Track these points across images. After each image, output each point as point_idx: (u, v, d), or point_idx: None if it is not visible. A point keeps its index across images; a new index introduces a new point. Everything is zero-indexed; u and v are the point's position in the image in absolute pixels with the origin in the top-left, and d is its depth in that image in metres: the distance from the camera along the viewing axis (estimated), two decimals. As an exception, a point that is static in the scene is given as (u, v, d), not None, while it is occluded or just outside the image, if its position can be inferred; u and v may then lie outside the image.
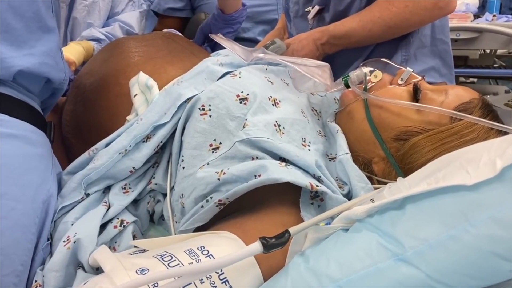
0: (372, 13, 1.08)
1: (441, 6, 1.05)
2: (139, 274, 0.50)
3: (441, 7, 1.05)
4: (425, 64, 1.14)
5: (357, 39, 1.10)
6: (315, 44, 1.11)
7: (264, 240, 0.50)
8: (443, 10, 1.07)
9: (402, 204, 0.49)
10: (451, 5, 1.06)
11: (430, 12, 1.06)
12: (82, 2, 1.62)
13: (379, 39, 1.13)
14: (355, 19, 1.09)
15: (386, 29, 1.08)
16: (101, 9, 1.66)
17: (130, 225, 0.73)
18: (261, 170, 0.63)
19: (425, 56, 1.18)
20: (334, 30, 1.10)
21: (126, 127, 0.78)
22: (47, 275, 0.63)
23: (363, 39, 1.10)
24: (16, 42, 0.68)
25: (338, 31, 1.09)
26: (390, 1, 1.05)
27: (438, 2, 1.03)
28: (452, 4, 1.06)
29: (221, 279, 0.52)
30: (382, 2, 1.07)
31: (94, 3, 1.64)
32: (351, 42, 1.11)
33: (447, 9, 1.07)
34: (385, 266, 0.45)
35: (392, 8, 1.05)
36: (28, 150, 0.69)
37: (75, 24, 1.61)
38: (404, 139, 0.73)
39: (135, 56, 0.95)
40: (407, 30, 1.14)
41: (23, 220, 0.64)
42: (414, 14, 1.06)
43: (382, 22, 1.07)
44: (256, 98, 0.74)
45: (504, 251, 0.40)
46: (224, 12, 1.17)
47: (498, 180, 0.42)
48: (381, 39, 1.13)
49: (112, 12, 1.72)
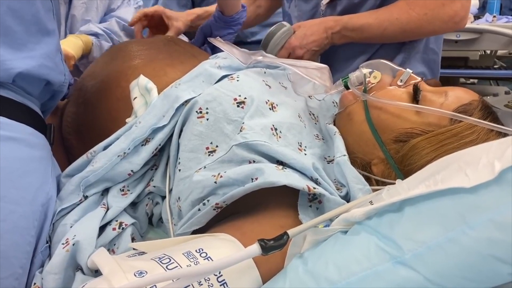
0: (390, 13, 1.10)
1: (456, 21, 1.09)
2: (137, 277, 0.50)
3: (455, 22, 1.09)
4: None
5: (369, 35, 1.12)
6: (327, 32, 1.12)
7: (263, 242, 0.50)
8: (456, 25, 1.10)
9: (401, 206, 0.49)
10: (464, 22, 1.10)
11: (445, 24, 1.09)
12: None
13: (390, 39, 1.15)
14: (372, 15, 1.12)
15: (401, 31, 1.11)
16: (99, 6, 1.67)
17: (128, 227, 0.73)
18: (258, 173, 0.63)
19: (416, 61, 1.21)
20: (349, 22, 1.11)
21: (124, 130, 0.78)
22: (46, 278, 0.63)
23: (375, 36, 1.12)
24: (15, 45, 0.68)
25: (353, 23, 1.11)
26: (412, 6, 1.08)
27: (454, 16, 1.07)
28: (465, 21, 1.10)
29: (220, 281, 0.52)
30: (403, 5, 1.09)
31: (92, 1, 1.64)
32: (362, 37, 1.13)
33: (460, 24, 1.11)
34: (384, 269, 0.45)
35: (412, 13, 1.08)
36: (28, 153, 0.69)
37: (73, 21, 1.61)
38: (404, 140, 0.73)
39: (136, 59, 0.96)
40: (418, 37, 1.18)
41: (22, 223, 0.64)
42: (430, 23, 1.09)
43: (398, 24, 1.10)
44: (253, 102, 0.74)
45: (502, 253, 0.40)
46: (224, 13, 1.17)
47: (496, 183, 0.42)
48: (391, 40, 1.16)
49: (109, 9, 1.73)
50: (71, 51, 1.40)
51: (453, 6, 1.07)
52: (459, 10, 1.08)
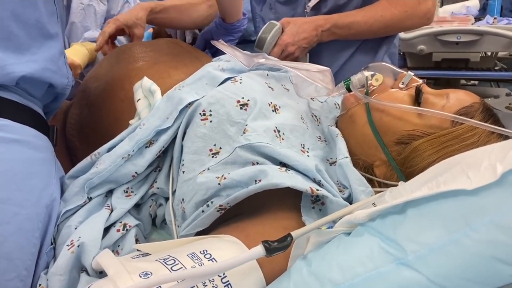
0: (375, 11, 1.22)
1: (429, 17, 1.25)
2: (142, 278, 0.50)
3: (428, 18, 1.25)
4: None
5: (356, 31, 1.22)
6: (317, 30, 1.19)
7: (267, 244, 0.50)
8: (429, 20, 1.26)
9: (404, 208, 0.49)
10: (432, 18, 1.27)
11: (421, 20, 1.25)
12: (79, 5, 1.62)
13: (373, 35, 1.27)
14: (359, 13, 1.22)
15: (384, 27, 1.24)
16: (97, 12, 1.67)
17: (132, 228, 0.73)
18: (262, 175, 0.64)
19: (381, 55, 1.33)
20: (339, 20, 1.20)
21: (128, 132, 0.79)
22: (51, 279, 0.63)
23: (361, 32, 1.23)
24: (18, 49, 0.69)
25: (342, 21, 1.20)
26: (393, 5, 1.21)
27: (427, 13, 1.23)
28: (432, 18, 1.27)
29: (224, 282, 0.53)
30: (385, 4, 1.21)
31: (89, 6, 1.64)
32: (349, 34, 1.23)
33: (431, 20, 1.27)
34: (387, 270, 0.45)
35: (394, 10, 1.21)
36: (31, 155, 0.69)
37: (73, 28, 1.62)
38: (406, 142, 0.73)
39: (140, 61, 0.96)
40: (397, 31, 1.35)
41: (27, 225, 0.65)
42: (409, 19, 1.24)
43: (382, 20, 1.22)
44: (256, 104, 0.75)
45: (504, 255, 0.40)
46: (225, 21, 1.18)
47: (498, 185, 0.42)
48: (375, 35, 1.28)
49: (109, 14, 1.73)
50: (77, 60, 1.39)
51: (426, 4, 1.22)
52: (430, 7, 1.23)
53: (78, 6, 1.63)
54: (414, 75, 0.80)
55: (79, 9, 1.63)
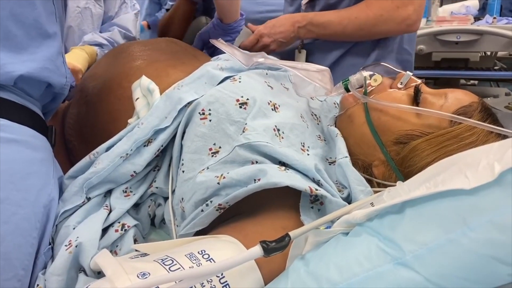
0: (351, 12, 1.20)
1: (409, 24, 1.19)
2: (140, 278, 0.50)
3: (408, 24, 1.19)
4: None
5: (331, 31, 1.22)
6: (294, 25, 1.22)
7: (265, 244, 0.50)
8: (409, 27, 1.20)
9: (402, 208, 0.49)
10: (417, 25, 1.21)
11: (398, 25, 1.19)
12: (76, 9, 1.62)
13: (349, 37, 1.24)
14: (335, 14, 1.22)
15: (358, 30, 1.21)
16: (94, 15, 1.66)
17: (131, 229, 0.73)
18: (261, 174, 0.64)
19: (391, 60, 1.28)
20: (314, 18, 1.21)
21: (127, 131, 0.79)
22: (49, 279, 0.63)
23: (336, 33, 1.22)
24: (16, 48, 0.69)
25: (317, 19, 1.21)
26: (369, 7, 1.18)
27: (406, 19, 1.17)
28: (417, 24, 1.21)
29: (222, 283, 0.53)
30: (363, 6, 1.19)
31: (86, 9, 1.64)
32: (325, 33, 1.23)
33: (413, 27, 1.21)
34: (385, 270, 0.45)
35: (370, 13, 1.18)
36: (29, 155, 0.69)
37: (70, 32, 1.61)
38: (404, 142, 0.73)
39: (139, 59, 0.96)
40: (375, 37, 1.26)
41: (25, 225, 0.64)
42: (385, 24, 1.19)
43: (357, 22, 1.20)
44: (255, 103, 0.75)
45: (503, 255, 0.40)
46: (223, 21, 1.19)
47: (496, 184, 0.42)
48: (351, 38, 1.25)
49: (106, 16, 1.72)
50: (78, 64, 1.39)
51: (406, 10, 1.16)
52: (411, 13, 1.17)
53: (75, 9, 1.63)
54: (413, 75, 0.80)
55: (75, 12, 1.63)
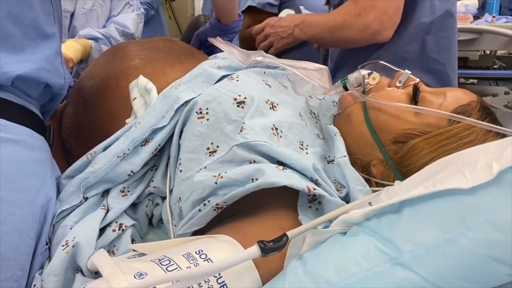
0: (328, 17, 1.20)
1: (371, 32, 1.11)
2: (137, 278, 0.50)
3: (371, 33, 1.11)
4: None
5: (314, 33, 1.23)
6: (292, 23, 1.25)
7: (262, 244, 0.50)
8: (373, 36, 1.12)
9: (400, 207, 0.49)
10: (383, 34, 1.12)
11: (361, 33, 1.12)
12: (81, 10, 1.63)
13: (328, 41, 1.26)
14: (322, 16, 1.24)
15: (329, 35, 1.19)
16: (99, 16, 1.68)
17: (128, 228, 0.73)
18: (258, 174, 0.63)
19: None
20: (307, 18, 1.25)
21: (124, 130, 0.78)
22: (46, 280, 0.63)
23: (317, 35, 1.23)
24: (14, 49, 0.69)
25: (308, 20, 1.24)
26: (339, 12, 1.16)
27: (368, 27, 1.10)
28: (384, 34, 1.12)
29: (219, 283, 0.52)
30: (336, 11, 1.19)
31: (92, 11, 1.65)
32: (310, 35, 1.24)
33: (377, 36, 1.12)
34: (383, 270, 0.45)
35: (338, 18, 1.16)
36: (27, 155, 0.69)
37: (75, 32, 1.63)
38: (403, 141, 0.73)
39: (136, 58, 0.96)
40: (345, 43, 1.23)
41: (22, 225, 0.64)
42: (348, 30, 1.14)
43: (329, 25, 1.18)
44: (253, 102, 0.74)
45: (501, 254, 0.40)
46: (221, 21, 1.19)
47: (495, 184, 0.41)
48: (329, 42, 1.27)
49: (110, 15, 1.74)
50: (69, 54, 1.40)
51: (366, 17, 1.10)
52: (372, 22, 1.10)
53: (80, 10, 1.64)
54: (412, 74, 0.80)
55: (80, 13, 1.64)
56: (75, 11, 1.63)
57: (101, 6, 1.69)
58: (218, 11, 1.18)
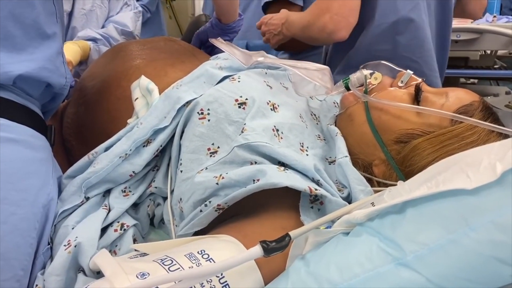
0: (301, 16, 1.26)
1: (328, 32, 1.15)
2: (140, 278, 0.50)
3: (327, 33, 1.16)
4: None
5: (294, 32, 1.28)
6: (281, 21, 1.32)
7: (265, 244, 0.50)
8: (329, 36, 1.16)
9: (403, 208, 0.49)
10: (338, 35, 1.16)
11: (321, 33, 1.17)
12: (80, 11, 1.63)
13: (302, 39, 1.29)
14: (299, 15, 1.28)
15: (302, 33, 1.25)
16: (99, 17, 1.68)
17: (130, 228, 0.72)
18: (260, 174, 0.63)
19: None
20: (289, 16, 1.30)
21: (126, 131, 0.78)
22: (47, 279, 0.63)
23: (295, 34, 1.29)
24: (15, 49, 0.69)
25: (290, 19, 1.30)
26: (308, 11, 1.22)
27: (324, 28, 1.15)
28: (339, 34, 1.16)
29: (222, 283, 0.52)
30: (307, 10, 1.23)
31: (91, 12, 1.65)
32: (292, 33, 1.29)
33: (333, 36, 1.16)
34: (386, 271, 0.45)
35: (306, 18, 1.22)
36: (28, 155, 0.69)
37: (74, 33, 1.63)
38: (405, 141, 0.73)
39: (137, 58, 0.96)
40: (314, 42, 1.32)
41: (23, 225, 0.64)
42: (311, 29, 1.19)
43: (300, 26, 1.24)
44: (254, 103, 0.74)
45: (504, 255, 0.40)
46: (221, 21, 1.19)
47: (498, 184, 0.41)
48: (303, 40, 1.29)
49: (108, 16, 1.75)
50: (68, 56, 1.40)
51: (323, 18, 1.14)
52: (327, 22, 1.14)
53: (80, 11, 1.64)
54: (413, 74, 0.80)
55: (80, 14, 1.64)
56: (74, 12, 1.63)
57: (100, 7, 1.70)
58: (219, 10, 1.18)
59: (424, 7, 1.25)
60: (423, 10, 1.24)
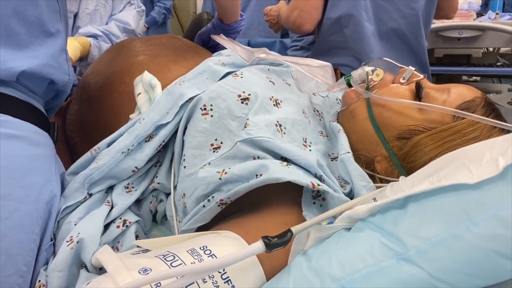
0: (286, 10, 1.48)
1: (297, 25, 1.44)
2: (142, 274, 0.50)
3: (296, 26, 1.44)
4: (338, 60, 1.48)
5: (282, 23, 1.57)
6: (276, 12, 1.65)
7: (267, 240, 0.50)
8: (298, 29, 1.45)
9: (405, 203, 0.49)
10: (303, 27, 1.44)
11: (293, 25, 1.45)
12: (84, 10, 1.63)
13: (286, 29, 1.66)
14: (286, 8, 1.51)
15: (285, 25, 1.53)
16: (103, 17, 1.69)
17: (133, 225, 0.73)
18: (263, 169, 0.63)
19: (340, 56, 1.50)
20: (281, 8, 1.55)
21: (128, 126, 0.78)
22: (50, 275, 0.63)
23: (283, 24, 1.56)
24: (19, 46, 0.69)
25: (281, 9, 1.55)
26: (287, 7, 1.45)
27: (294, 22, 1.43)
28: (304, 27, 1.44)
29: (224, 278, 0.52)
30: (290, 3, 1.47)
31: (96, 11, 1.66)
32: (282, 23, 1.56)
33: (301, 29, 1.44)
34: (388, 265, 0.45)
35: (286, 12, 1.45)
36: (31, 151, 0.69)
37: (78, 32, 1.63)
38: (407, 137, 0.73)
39: (140, 55, 0.96)
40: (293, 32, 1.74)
41: (26, 221, 0.64)
42: (287, 23, 1.47)
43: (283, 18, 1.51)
44: (257, 98, 0.74)
45: (506, 249, 0.40)
46: (223, 21, 1.19)
47: (500, 179, 0.41)
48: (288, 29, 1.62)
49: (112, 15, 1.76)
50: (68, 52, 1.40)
51: (293, 14, 1.42)
52: (296, 17, 1.42)
53: (84, 11, 1.65)
54: (415, 70, 0.80)
55: (84, 14, 1.65)
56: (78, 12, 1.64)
57: (104, 7, 1.70)
58: (220, 11, 1.18)
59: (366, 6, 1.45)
60: (363, 8, 1.44)
